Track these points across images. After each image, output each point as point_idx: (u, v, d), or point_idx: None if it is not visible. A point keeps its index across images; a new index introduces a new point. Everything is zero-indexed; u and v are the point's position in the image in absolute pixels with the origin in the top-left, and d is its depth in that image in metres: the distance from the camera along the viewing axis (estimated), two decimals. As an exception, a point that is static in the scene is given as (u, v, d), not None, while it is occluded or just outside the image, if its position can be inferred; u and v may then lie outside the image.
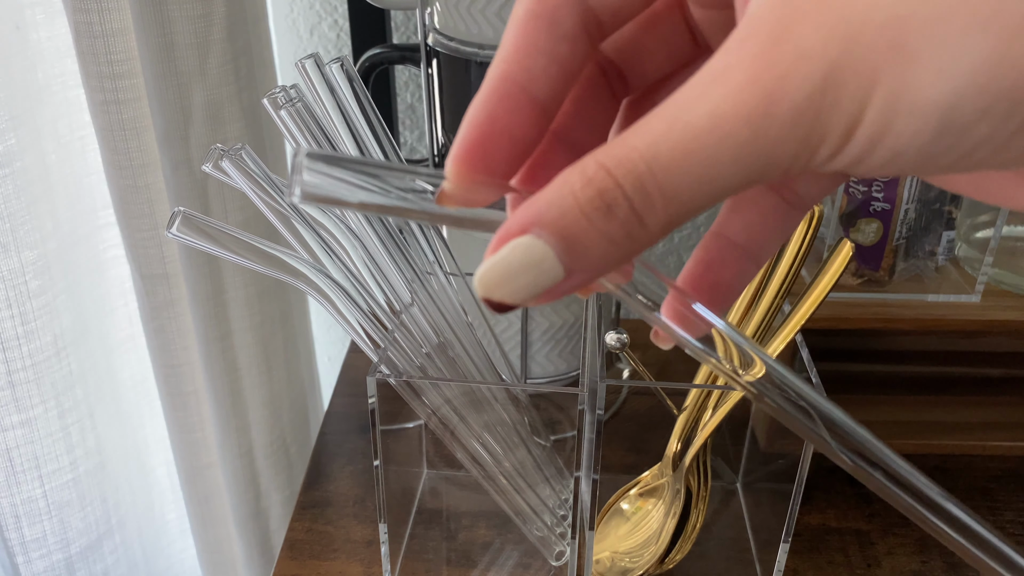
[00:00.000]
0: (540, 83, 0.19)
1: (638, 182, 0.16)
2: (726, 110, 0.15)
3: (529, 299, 0.17)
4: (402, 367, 0.41)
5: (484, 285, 0.17)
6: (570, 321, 0.58)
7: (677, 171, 0.16)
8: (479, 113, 0.19)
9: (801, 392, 0.19)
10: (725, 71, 0.16)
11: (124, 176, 0.55)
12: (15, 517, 0.59)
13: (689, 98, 0.16)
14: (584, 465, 0.43)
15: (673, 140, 0.16)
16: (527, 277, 0.16)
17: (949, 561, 0.50)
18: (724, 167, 0.16)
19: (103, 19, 0.51)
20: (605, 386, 0.40)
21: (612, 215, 0.16)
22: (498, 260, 0.17)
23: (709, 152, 0.15)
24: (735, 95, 0.15)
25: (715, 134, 0.15)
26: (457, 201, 0.18)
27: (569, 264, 0.16)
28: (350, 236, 0.39)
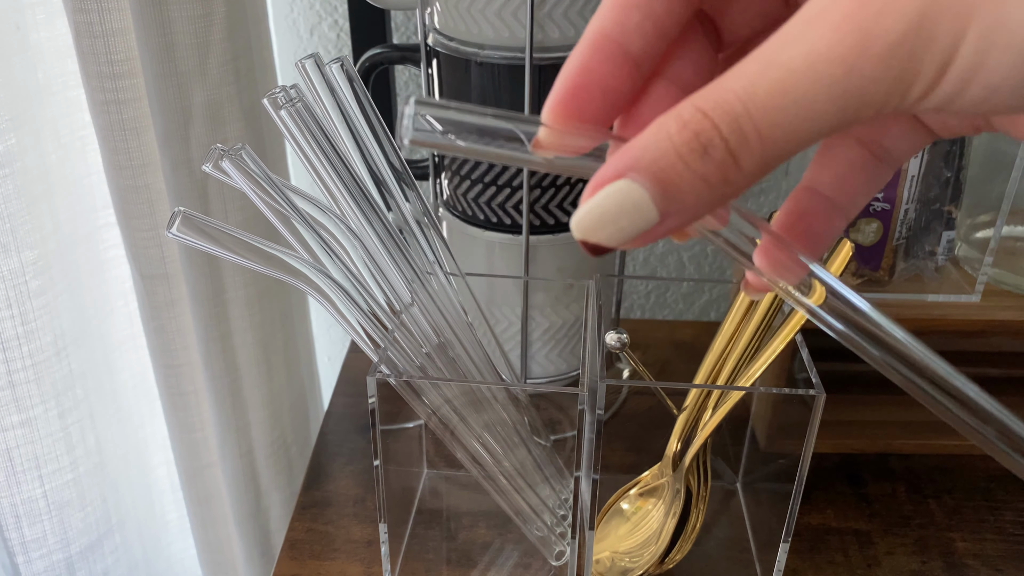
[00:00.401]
0: (634, 39, 0.19)
1: (735, 122, 0.16)
2: (821, 49, 0.16)
3: (625, 242, 0.17)
4: (402, 367, 0.41)
5: (582, 228, 0.17)
6: (570, 321, 0.58)
7: (773, 110, 0.16)
8: (574, 65, 0.19)
9: (902, 346, 0.20)
10: (820, 13, 0.16)
11: (124, 176, 0.55)
12: (15, 517, 0.59)
13: (785, 40, 0.16)
14: (584, 465, 0.43)
15: (769, 80, 0.16)
16: (623, 221, 0.17)
17: (949, 561, 0.50)
18: (819, 105, 0.16)
19: (103, 19, 0.51)
20: (605, 386, 0.40)
21: (708, 156, 0.16)
22: (594, 204, 0.17)
23: (805, 91, 0.16)
24: (830, 34, 0.16)
25: (810, 73, 0.16)
26: (553, 148, 0.18)
27: (664, 207, 0.17)
28: (350, 236, 0.39)
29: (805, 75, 0.16)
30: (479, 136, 0.18)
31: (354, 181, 0.38)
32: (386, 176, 0.40)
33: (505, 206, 0.53)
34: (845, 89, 0.16)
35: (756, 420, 0.55)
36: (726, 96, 0.16)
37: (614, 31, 0.19)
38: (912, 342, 0.19)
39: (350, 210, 0.38)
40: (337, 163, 0.37)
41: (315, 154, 0.37)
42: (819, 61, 0.16)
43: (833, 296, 0.20)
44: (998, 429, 0.19)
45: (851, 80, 0.16)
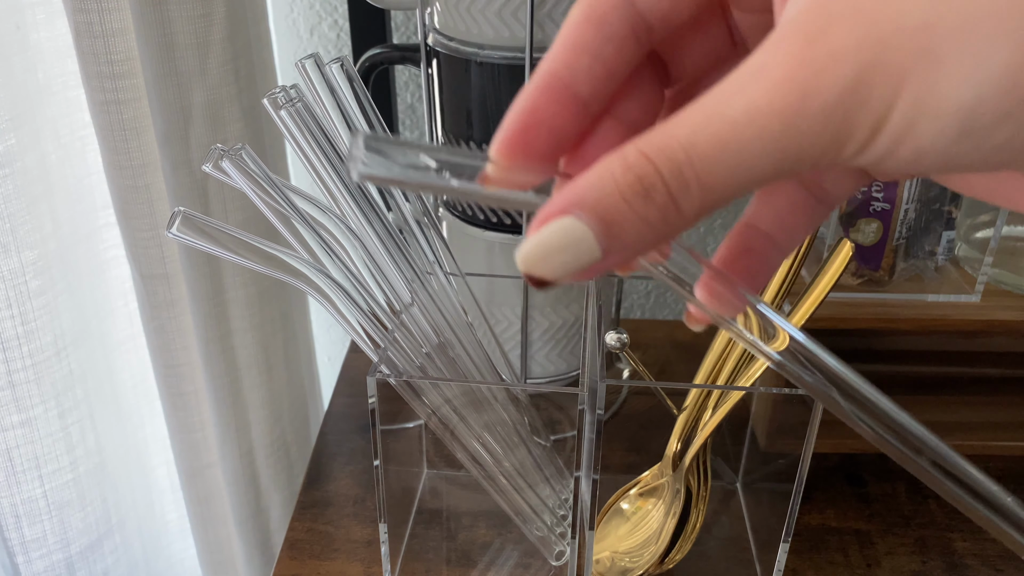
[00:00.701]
0: (583, 81, 0.20)
1: (676, 169, 0.17)
2: (762, 105, 0.16)
3: (567, 277, 0.18)
4: (402, 367, 0.41)
5: (526, 262, 0.18)
6: (570, 321, 0.58)
7: (713, 160, 0.16)
8: (522, 105, 0.20)
9: (835, 372, 0.20)
10: (762, 68, 0.17)
11: (124, 176, 0.55)
12: (15, 517, 0.59)
13: (728, 92, 0.17)
14: (584, 465, 0.43)
15: (711, 131, 0.16)
16: (566, 256, 0.17)
17: (949, 561, 0.50)
18: (757, 159, 0.16)
19: (103, 19, 0.51)
20: (605, 386, 0.40)
21: (650, 199, 0.17)
22: (539, 239, 0.17)
23: (744, 144, 0.16)
24: (771, 91, 0.16)
25: (751, 127, 0.16)
26: (499, 183, 0.19)
27: (606, 245, 0.17)
28: (350, 236, 0.39)
29: (745, 128, 0.16)
30: (428, 172, 0.18)
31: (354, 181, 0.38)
32: (386, 176, 0.40)
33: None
34: (782, 144, 0.16)
35: (756, 420, 0.55)
36: (669, 143, 0.17)
37: (564, 73, 0.20)
38: (874, 391, 0.20)
39: (350, 210, 0.38)
40: (337, 163, 0.37)
41: (315, 154, 0.37)
42: (759, 115, 0.16)
43: (786, 336, 0.21)
44: (965, 482, 0.20)
45: (788, 136, 0.16)
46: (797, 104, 0.16)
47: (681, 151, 0.17)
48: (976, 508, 0.20)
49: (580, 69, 0.20)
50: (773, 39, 0.17)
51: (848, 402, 0.20)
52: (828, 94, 0.16)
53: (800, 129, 0.16)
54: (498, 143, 0.19)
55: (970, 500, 0.20)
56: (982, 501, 0.20)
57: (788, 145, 0.16)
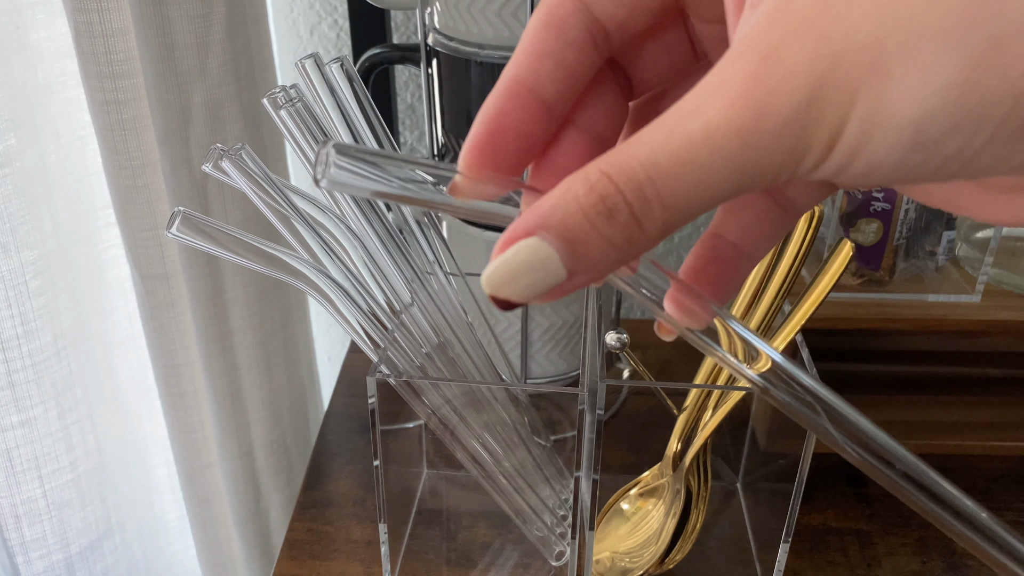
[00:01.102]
0: (547, 85, 0.20)
1: (638, 189, 0.17)
2: (719, 123, 0.16)
3: (533, 298, 0.18)
4: (402, 367, 0.41)
5: (491, 284, 0.18)
6: (570, 321, 0.58)
7: (674, 178, 0.17)
8: (489, 110, 0.20)
9: (805, 384, 0.21)
10: (719, 86, 0.17)
11: (124, 176, 0.55)
12: (15, 517, 0.59)
13: (686, 111, 0.17)
14: (584, 465, 0.43)
15: (670, 150, 0.17)
16: (532, 277, 0.18)
17: (949, 561, 0.50)
18: (717, 175, 0.17)
19: (103, 19, 0.51)
20: (605, 386, 0.40)
21: (613, 219, 0.17)
22: (504, 260, 0.18)
23: (703, 162, 0.17)
24: (727, 108, 0.16)
25: (709, 145, 0.16)
26: (468, 194, 0.19)
27: (572, 265, 0.17)
28: (350, 236, 0.39)
29: (704, 146, 0.17)
30: (397, 182, 0.18)
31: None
32: (386, 176, 0.40)
33: (505, 206, 0.53)
34: (741, 161, 0.17)
35: (756, 420, 0.55)
36: (631, 163, 0.17)
37: (528, 78, 0.20)
38: (856, 415, 0.20)
39: (350, 210, 0.38)
40: (337, 163, 0.37)
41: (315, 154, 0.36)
42: (716, 133, 0.16)
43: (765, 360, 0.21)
44: (953, 508, 0.20)
45: (746, 153, 0.16)
46: (753, 122, 0.16)
47: (642, 171, 0.17)
48: (957, 527, 0.20)
49: (543, 74, 0.20)
50: (729, 56, 0.17)
51: (820, 418, 0.21)
52: (783, 111, 0.16)
53: (758, 146, 0.16)
54: (467, 150, 0.20)
55: (953, 521, 0.20)
56: (965, 522, 0.20)
57: (746, 162, 0.17)
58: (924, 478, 0.20)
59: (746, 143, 0.16)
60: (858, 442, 0.21)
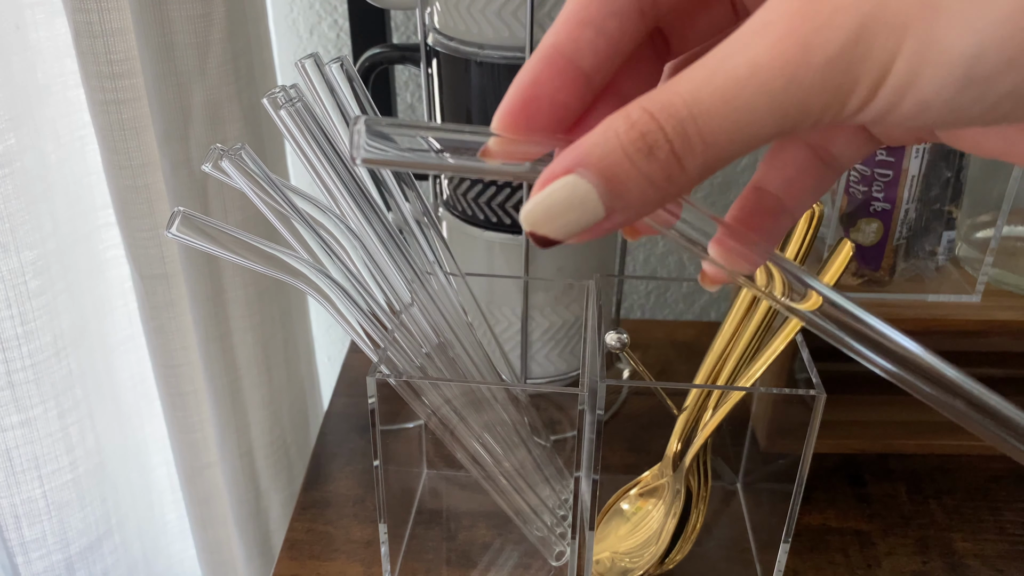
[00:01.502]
0: (586, 55, 0.20)
1: (679, 126, 0.17)
2: (765, 60, 0.16)
3: (571, 235, 0.18)
4: (402, 367, 0.41)
5: (529, 221, 0.18)
6: (570, 321, 0.58)
7: (716, 116, 0.17)
8: (525, 77, 0.20)
9: (859, 317, 0.20)
10: (765, 25, 0.17)
11: (124, 176, 0.55)
12: (15, 517, 0.59)
13: (731, 50, 0.17)
14: (584, 465, 0.43)
15: (714, 87, 0.17)
16: (570, 215, 0.17)
17: (949, 561, 0.50)
18: (760, 114, 0.16)
19: (103, 19, 0.51)
20: (605, 386, 0.40)
21: (653, 156, 0.17)
22: (543, 198, 0.17)
23: (747, 99, 0.16)
24: (774, 46, 0.16)
25: (753, 82, 0.16)
26: (501, 156, 0.19)
27: (610, 203, 0.17)
28: (350, 236, 0.39)
29: (748, 84, 0.16)
30: (429, 153, 0.18)
31: (354, 181, 0.38)
32: (386, 176, 0.40)
33: (505, 206, 0.53)
34: (785, 99, 0.16)
35: (756, 420, 0.55)
36: (673, 100, 0.17)
37: (567, 47, 0.19)
38: (902, 338, 0.20)
39: (350, 210, 0.38)
40: (337, 163, 0.37)
41: (315, 154, 0.36)
42: (761, 71, 0.16)
43: (811, 291, 0.20)
44: (995, 418, 0.20)
45: (791, 91, 0.16)
46: (799, 58, 0.16)
47: (684, 107, 0.17)
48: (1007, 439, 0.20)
49: (583, 43, 0.19)
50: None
51: (884, 358, 0.20)
52: (830, 47, 0.16)
53: (803, 83, 0.16)
54: (500, 115, 0.19)
55: (1003, 433, 0.20)
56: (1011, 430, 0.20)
57: (791, 100, 0.16)
58: (980, 398, 0.20)
59: (791, 80, 0.16)
60: (911, 368, 0.20)
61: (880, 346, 0.20)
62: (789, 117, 0.17)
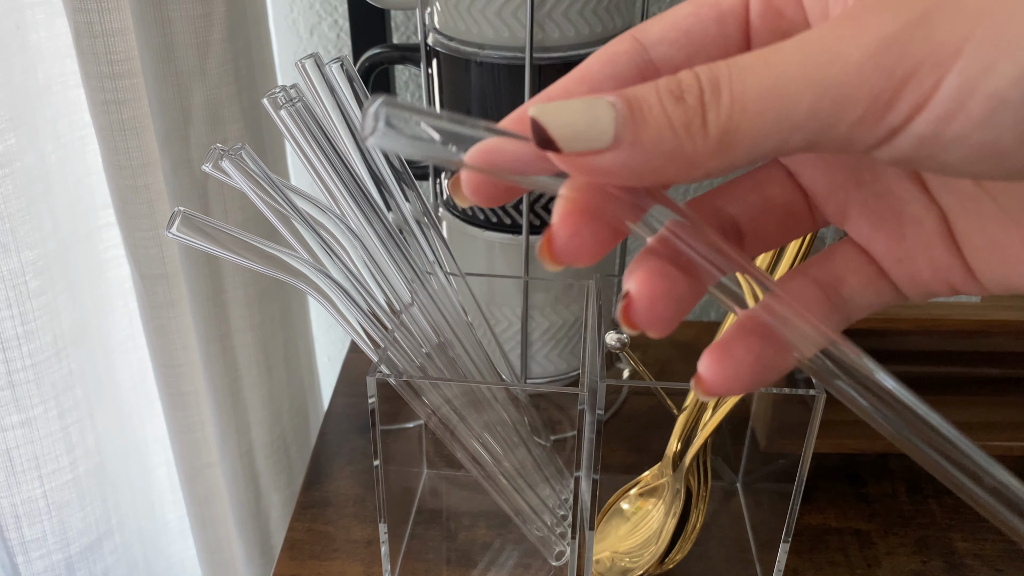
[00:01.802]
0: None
1: (715, 79, 0.17)
2: (814, 36, 0.16)
3: (570, 147, 0.17)
4: (402, 367, 0.41)
5: (539, 109, 0.17)
6: (570, 321, 0.58)
7: (751, 77, 0.16)
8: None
9: (837, 347, 0.21)
10: (831, 27, 0.17)
11: (124, 176, 0.55)
12: (15, 517, 0.59)
13: (782, 45, 0.17)
14: (584, 465, 0.43)
15: (758, 54, 0.17)
16: (579, 120, 0.17)
17: (950, 561, 0.50)
18: (796, 87, 0.16)
19: (103, 19, 0.51)
20: (605, 386, 0.40)
21: (681, 100, 0.17)
22: (566, 104, 0.17)
23: (785, 67, 0.16)
24: (828, 26, 0.16)
25: (795, 54, 0.16)
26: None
27: (621, 130, 0.17)
28: (350, 236, 0.39)
29: (790, 53, 0.16)
30: (447, 141, 0.18)
31: (354, 181, 0.38)
32: (386, 176, 0.40)
33: (505, 206, 0.53)
34: (825, 77, 0.16)
35: (756, 420, 0.55)
36: (718, 63, 0.17)
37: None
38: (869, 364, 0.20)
39: (350, 210, 0.38)
40: (337, 163, 0.37)
41: (315, 154, 0.36)
42: (808, 44, 0.16)
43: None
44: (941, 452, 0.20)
45: (834, 69, 0.16)
46: (850, 34, 0.16)
47: (725, 66, 0.17)
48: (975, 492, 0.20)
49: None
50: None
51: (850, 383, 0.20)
52: (888, 26, 0.15)
53: (849, 62, 0.16)
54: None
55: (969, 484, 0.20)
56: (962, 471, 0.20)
57: (832, 80, 0.16)
58: (929, 422, 0.20)
59: (836, 56, 0.16)
60: (869, 389, 0.20)
61: (842, 365, 0.20)
62: (824, 107, 0.16)
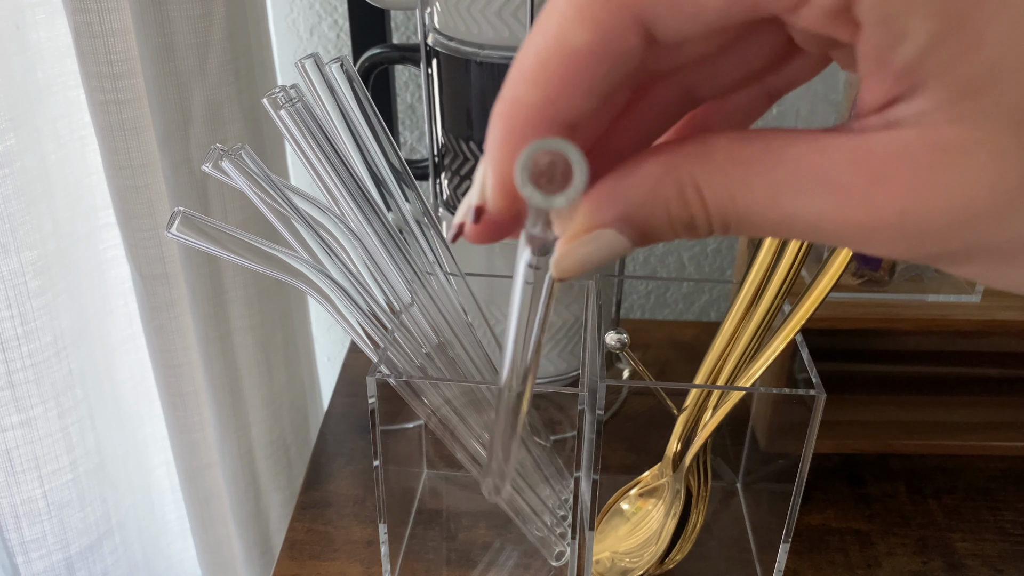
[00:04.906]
0: (568, 113, 0.17)
1: (725, 221, 0.16)
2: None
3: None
4: (402, 367, 0.41)
5: (561, 271, 0.18)
6: (570, 321, 0.58)
7: (757, 207, 0.16)
8: (500, 135, 0.18)
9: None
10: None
11: (124, 176, 0.55)
12: (15, 517, 0.59)
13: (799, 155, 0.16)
14: (584, 465, 0.43)
15: (767, 195, 0.16)
16: (602, 262, 0.17)
17: (949, 561, 0.50)
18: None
19: (103, 19, 0.51)
20: (605, 386, 0.40)
21: (694, 229, 0.17)
22: (581, 251, 0.17)
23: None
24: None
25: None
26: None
27: (636, 246, 0.17)
28: (350, 236, 0.39)
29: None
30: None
31: (354, 181, 0.38)
32: (386, 176, 0.40)
33: (505, 206, 0.53)
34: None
35: (756, 420, 0.55)
36: (734, 205, 0.16)
37: (546, 109, 0.17)
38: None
39: (350, 210, 0.38)
40: (337, 163, 0.37)
41: (315, 154, 0.37)
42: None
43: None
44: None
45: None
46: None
47: (735, 211, 0.16)
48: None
49: (563, 105, 0.17)
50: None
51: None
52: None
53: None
54: (492, 190, 0.18)
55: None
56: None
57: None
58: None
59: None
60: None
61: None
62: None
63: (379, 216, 0.39)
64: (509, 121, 0.17)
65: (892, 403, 0.58)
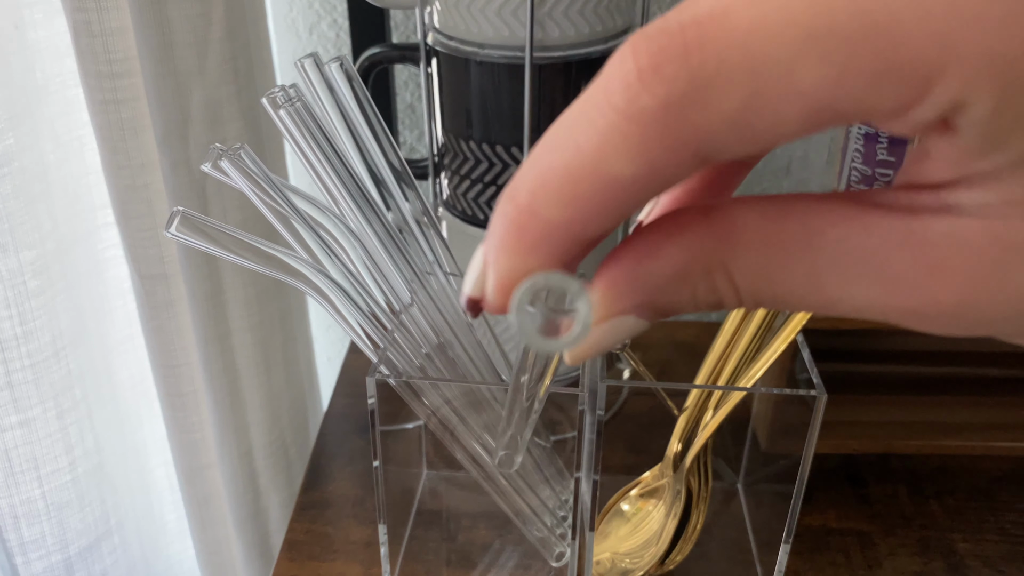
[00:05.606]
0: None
1: (758, 302, 0.16)
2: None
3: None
4: (402, 367, 0.41)
5: (575, 358, 0.17)
6: (570, 321, 0.58)
7: (780, 287, 0.15)
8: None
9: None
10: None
11: (123, 176, 0.55)
12: (14, 518, 0.58)
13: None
14: (584, 466, 0.43)
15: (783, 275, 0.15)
16: (617, 343, 0.17)
17: (950, 562, 0.50)
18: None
19: (102, 18, 0.50)
20: (605, 386, 0.40)
21: (722, 308, 0.16)
22: (596, 336, 0.16)
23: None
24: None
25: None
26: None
27: (654, 321, 0.16)
28: (350, 236, 0.39)
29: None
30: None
31: (353, 181, 0.38)
32: (385, 176, 0.40)
33: (505, 206, 0.53)
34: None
35: (757, 421, 0.55)
36: (771, 289, 0.15)
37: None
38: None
39: (349, 210, 0.38)
40: (336, 163, 0.37)
41: (314, 154, 0.36)
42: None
43: None
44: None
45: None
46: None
47: (771, 296, 0.15)
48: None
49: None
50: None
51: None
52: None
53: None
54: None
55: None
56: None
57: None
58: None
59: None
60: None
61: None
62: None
63: (379, 216, 0.39)
64: (523, 233, 0.15)
65: (893, 403, 0.58)
